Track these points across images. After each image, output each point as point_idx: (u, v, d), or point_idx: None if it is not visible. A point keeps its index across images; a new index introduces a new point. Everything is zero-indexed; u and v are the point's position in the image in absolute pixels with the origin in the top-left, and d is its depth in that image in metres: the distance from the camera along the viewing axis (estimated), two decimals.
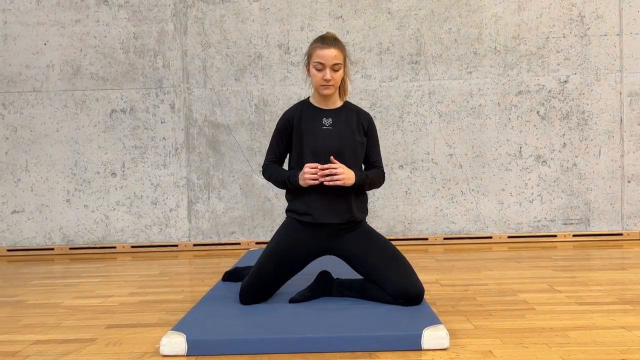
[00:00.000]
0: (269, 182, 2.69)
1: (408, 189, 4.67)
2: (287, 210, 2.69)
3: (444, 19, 4.62)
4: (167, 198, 4.74)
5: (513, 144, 4.64)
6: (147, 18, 4.69)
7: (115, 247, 4.74)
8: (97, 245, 4.75)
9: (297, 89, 4.66)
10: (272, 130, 4.77)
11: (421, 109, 4.65)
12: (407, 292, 2.47)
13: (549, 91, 4.62)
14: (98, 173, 4.74)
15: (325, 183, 2.49)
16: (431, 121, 4.65)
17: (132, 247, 4.74)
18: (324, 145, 2.56)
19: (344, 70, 2.61)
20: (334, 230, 2.61)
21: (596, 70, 4.60)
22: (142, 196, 4.74)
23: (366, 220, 2.74)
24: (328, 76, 2.52)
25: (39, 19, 4.70)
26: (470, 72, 4.63)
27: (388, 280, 2.50)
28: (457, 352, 2.05)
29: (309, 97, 2.72)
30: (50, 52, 4.71)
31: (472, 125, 4.64)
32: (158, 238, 4.76)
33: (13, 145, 4.75)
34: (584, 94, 4.61)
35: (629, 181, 4.63)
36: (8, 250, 4.76)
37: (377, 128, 2.87)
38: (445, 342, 2.08)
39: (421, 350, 2.08)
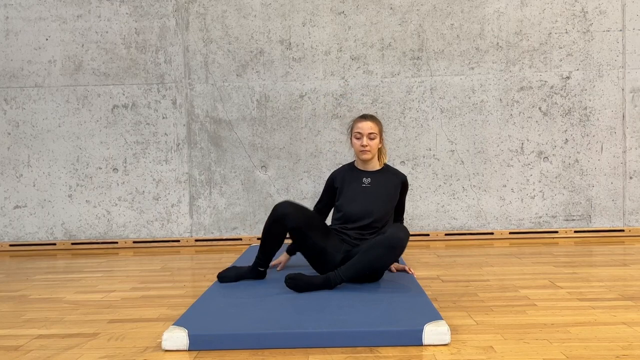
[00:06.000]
0: None
1: (410, 185, 4.67)
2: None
3: (446, 14, 4.61)
4: (168, 193, 4.74)
5: (515, 140, 4.64)
6: (149, 13, 4.68)
7: (117, 243, 4.75)
8: (99, 241, 4.76)
9: (299, 84, 4.66)
10: (274, 126, 4.80)
11: (423, 104, 4.64)
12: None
13: (551, 87, 4.61)
14: (100, 168, 4.75)
15: None
16: (433, 117, 4.65)
17: (134, 242, 4.75)
18: (359, 200, 3.02)
19: (380, 141, 3.07)
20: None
21: (599, 66, 4.59)
22: (143, 192, 4.75)
23: None
24: (365, 142, 3.00)
25: (40, 14, 4.70)
26: (472, 68, 4.62)
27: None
28: (458, 348, 2.05)
29: (354, 161, 3.19)
30: (52, 48, 4.71)
31: (474, 121, 4.64)
32: (160, 233, 4.76)
33: (15, 141, 4.76)
34: (586, 90, 4.60)
35: (630, 177, 4.63)
36: (10, 245, 4.77)
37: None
38: (446, 337, 2.08)
39: (422, 345, 2.08)
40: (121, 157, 4.74)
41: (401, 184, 3.10)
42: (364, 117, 3.08)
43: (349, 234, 2.99)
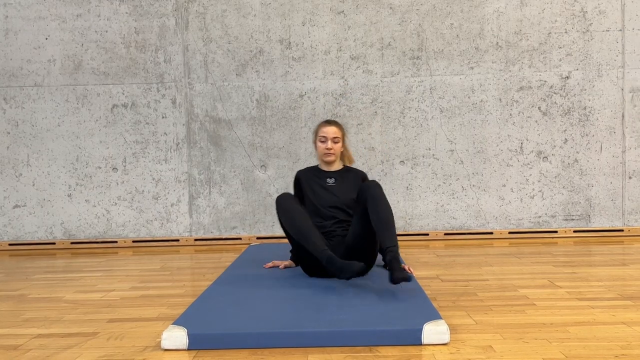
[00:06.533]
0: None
1: (409, 184, 4.67)
2: None
3: (446, 14, 4.61)
4: (168, 193, 4.74)
5: (514, 140, 4.64)
6: (149, 13, 4.68)
7: (116, 242, 4.75)
8: (98, 240, 4.76)
9: (299, 84, 4.66)
10: (274, 125, 4.79)
11: (422, 104, 4.65)
12: None
13: (551, 87, 4.61)
14: (99, 168, 4.75)
15: None
16: (432, 117, 4.65)
17: (134, 241, 4.75)
18: (327, 199, 3.17)
19: (343, 145, 3.27)
20: None
21: (598, 66, 4.59)
22: (143, 191, 4.75)
23: None
24: (329, 145, 3.18)
25: (40, 14, 4.70)
26: (472, 68, 4.63)
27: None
28: (458, 347, 2.05)
29: (317, 165, 3.34)
30: (51, 47, 4.71)
31: (474, 121, 4.64)
32: (159, 233, 4.76)
33: (14, 140, 4.76)
34: (585, 89, 4.60)
35: (630, 177, 4.63)
36: (10, 245, 4.77)
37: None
38: (445, 337, 2.08)
39: (421, 345, 2.08)
40: (121, 157, 4.74)
41: (361, 179, 3.28)
42: (329, 122, 3.26)
43: (333, 230, 3.07)
